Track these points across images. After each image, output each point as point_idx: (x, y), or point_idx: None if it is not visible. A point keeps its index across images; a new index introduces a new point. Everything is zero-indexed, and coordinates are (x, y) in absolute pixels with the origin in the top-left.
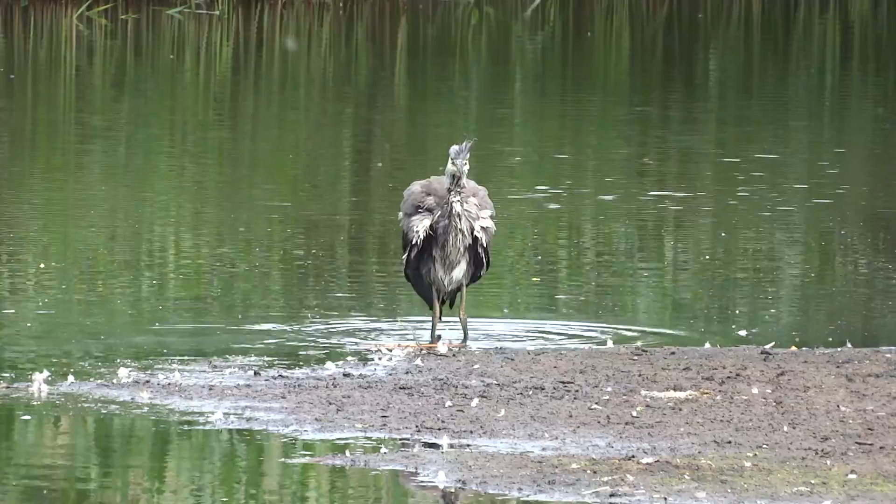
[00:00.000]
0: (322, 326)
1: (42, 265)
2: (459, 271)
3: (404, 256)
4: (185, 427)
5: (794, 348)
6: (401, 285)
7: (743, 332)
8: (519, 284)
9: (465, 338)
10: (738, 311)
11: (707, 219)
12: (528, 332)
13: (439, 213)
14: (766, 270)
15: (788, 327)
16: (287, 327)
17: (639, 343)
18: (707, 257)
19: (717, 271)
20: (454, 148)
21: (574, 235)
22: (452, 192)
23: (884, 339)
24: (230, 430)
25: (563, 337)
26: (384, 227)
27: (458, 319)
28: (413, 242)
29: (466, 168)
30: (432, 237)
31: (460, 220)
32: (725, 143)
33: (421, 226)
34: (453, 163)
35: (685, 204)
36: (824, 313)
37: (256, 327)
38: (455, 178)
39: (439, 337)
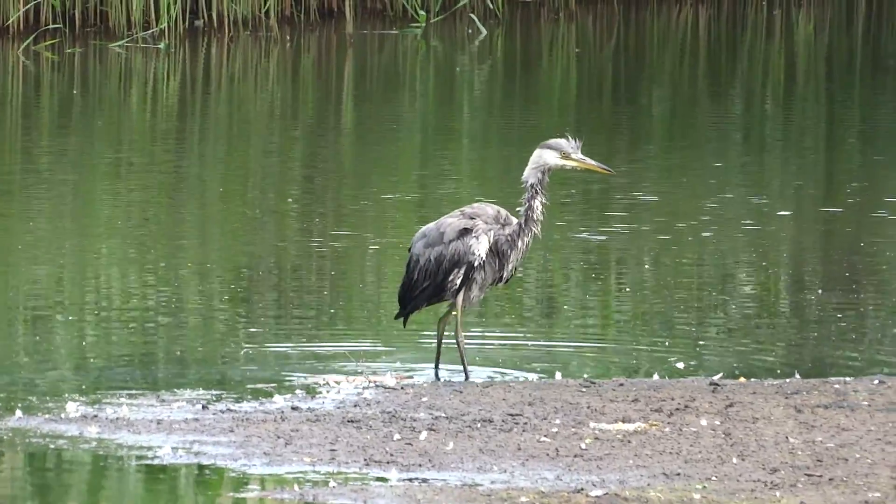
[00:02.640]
0: (270, 358)
1: None
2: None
3: (449, 279)
4: (134, 462)
5: (742, 380)
6: (348, 317)
7: (692, 363)
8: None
9: (465, 366)
10: (686, 342)
11: (652, 251)
12: (482, 359)
13: (504, 229)
14: (713, 301)
15: (737, 358)
16: (235, 360)
17: (586, 375)
18: (652, 288)
19: (663, 302)
20: (564, 142)
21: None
22: (537, 194)
23: (832, 370)
24: (179, 465)
25: (513, 367)
26: (332, 258)
27: (453, 343)
28: (476, 264)
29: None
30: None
31: (537, 225)
32: (670, 173)
33: (482, 247)
34: (568, 156)
35: (630, 236)
36: (773, 344)
37: (204, 359)
38: (541, 180)
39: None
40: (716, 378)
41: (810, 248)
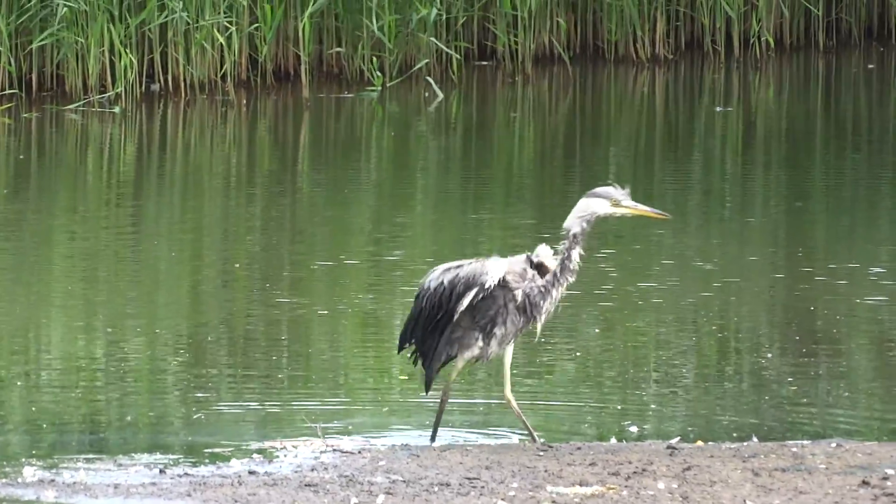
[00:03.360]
0: (226, 422)
1: None
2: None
3: (459, 303)
4: None
5: (699, 443)
6: (303, 380)
7: (646, 427)
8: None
9: (529, 431)
10: (642, 406)
11: (602, 314)
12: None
13: (535, 280)
14: (667, 364)
15: (694, 422)
16: (191, 424)
17: (543, 439)
18: (604, 351)
19: (617, 365)
20: (613, 189)
21: None
22: (577, 244)
23: (790, 433)
24: None
25: (470, 428)
26: (286, 322)
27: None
28: (487, 286)
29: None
30: (507, 310)
31: (573, 275)
32: (622, 238)
33: (496, 272)
34: (619, 204)
35: (580, 297)
36: (729, 408)
37: (160, 424)
38: (584, 230)
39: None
40: (673, 442)
41: (762, 313)
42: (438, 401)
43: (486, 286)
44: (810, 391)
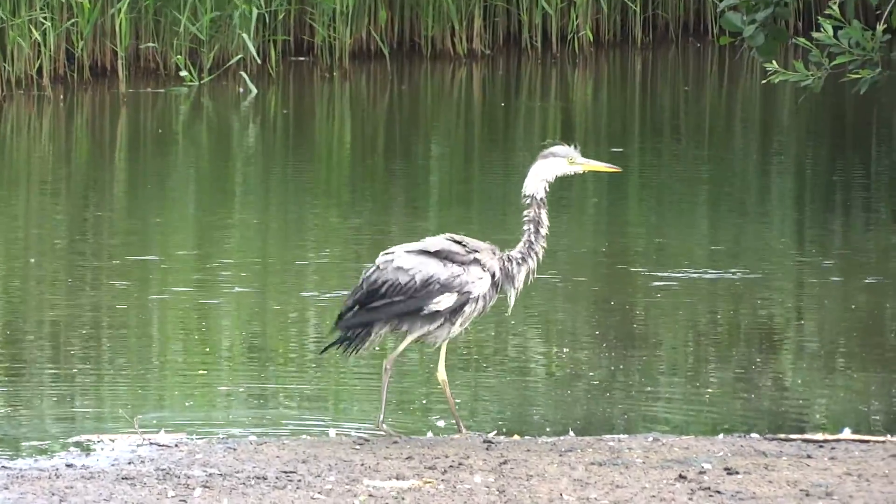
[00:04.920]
0: (45, 416)
1: None
2: None
3: (432, 301)
4: None
5: (516, 437)
6: (122, 375)
7: (465, 422)
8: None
9: (456, 419)
10: (460, 400)
11: None
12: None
13: (502, 253)
14: (486, 359)
15: (511, 415)
16: (9, 417)
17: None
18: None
19: (432, 360)
20: (567, 148)
21: (291, 332)
22: (543, 206)
23: (606, 428)
24: None
25: (285, 426)
26: (104, 316)
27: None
28: (473, 296)
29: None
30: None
31: (544, 240)
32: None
33: (482, 283)
34: (573, 161)
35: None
36: (545, 402)
37: None
38: (546, 193)
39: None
40: (490, 435)
41: (580, 307)
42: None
43: (473, 296)
44: (626, 386)
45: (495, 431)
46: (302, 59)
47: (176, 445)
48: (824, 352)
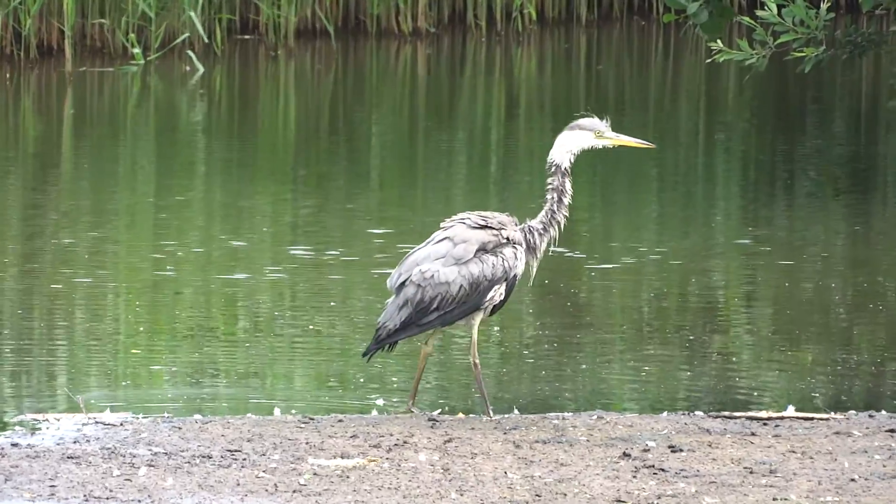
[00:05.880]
0: None
1: None
2: None
3: (486, 298)
4: None
5: (461, 415)
6: (67, 353)
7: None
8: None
9: (485, 400)
10: (406, 379)
11: (362, 282)
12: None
13: (522, 224)
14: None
15: (455, 394)
16: None
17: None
18: (358, 324)
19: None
20: (596, 121)
21: (234, 311)
22: (567, 176)
23: (550, 406)
24: None
25: (229, 405)
26: (46, 297)
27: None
28: (513, 275)
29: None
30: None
31: (566, 209)
32: (389, 206)
33: (521, 262)
34: (602, 135)
35: (349, 263)
36: (490, 380)
37: None
38: (571, 164)
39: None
40: (434, 414)
41: (522, 287)
42: (418, 367)
43: (517, 274)
44: (571, 364)
45: (440, 410)
46: (247, 37)
47: (121, 424)
48: (768, 330)
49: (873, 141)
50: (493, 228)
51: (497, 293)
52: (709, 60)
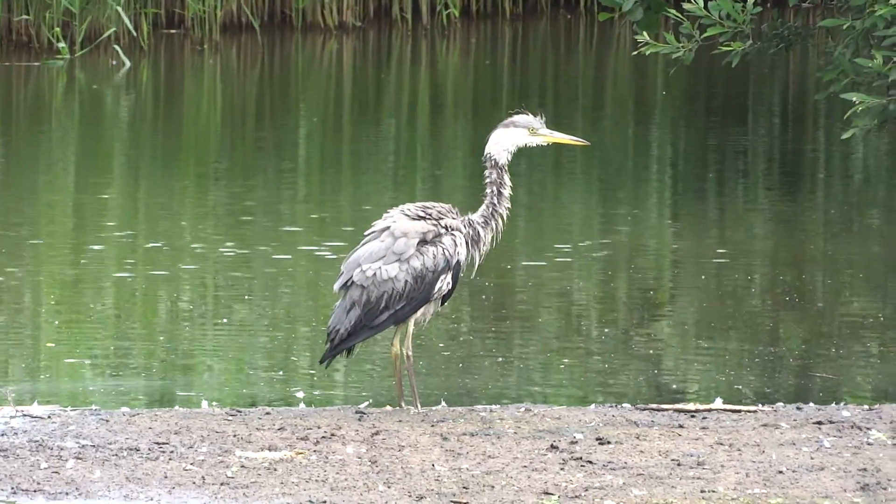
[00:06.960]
0: None
1: None
2: None
3: (435, 290)
4: None
5: (388, 408)
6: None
7: (333, 392)
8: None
9: (415, 395)
10: (332, 372)
11: (284, 275)
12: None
13: (463, 217)
14: None
15: (383, 386)
16: None
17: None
18: (282, 317)
19: (309, 330)
20: (530, 118)
21: (157, 305)
22: (505, 172)
23: (478, 398)
24: None
25: (157, 397)
26: None
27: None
28: (456, 261)
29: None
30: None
31: (508, 202)
32: (313, 199)
33: (461, 248)
34: (536, 132)
35: (282, 252)
36: (418, 372)
37: None
38: (508, 160)
39: None
40: (362, 406)
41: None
42: (406, 371)
43: (460, 261)
44: (498, 356)
45: (368, 402)
46: (173, 31)
47: (49, 417)
48: (696, 323)
49: (801, 134)
50: (432, 219)
51: (444, 283)
52: (635, 53)
